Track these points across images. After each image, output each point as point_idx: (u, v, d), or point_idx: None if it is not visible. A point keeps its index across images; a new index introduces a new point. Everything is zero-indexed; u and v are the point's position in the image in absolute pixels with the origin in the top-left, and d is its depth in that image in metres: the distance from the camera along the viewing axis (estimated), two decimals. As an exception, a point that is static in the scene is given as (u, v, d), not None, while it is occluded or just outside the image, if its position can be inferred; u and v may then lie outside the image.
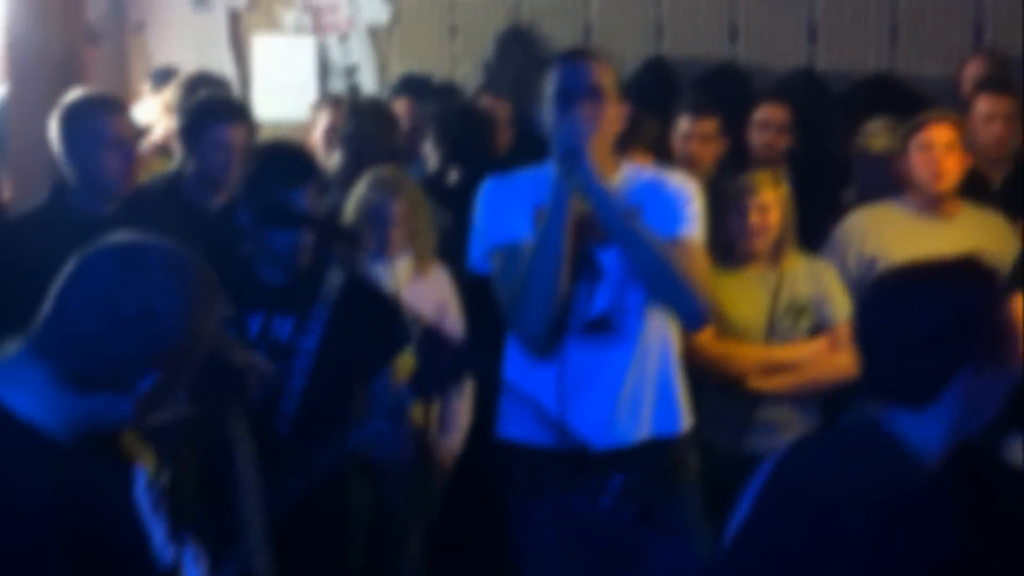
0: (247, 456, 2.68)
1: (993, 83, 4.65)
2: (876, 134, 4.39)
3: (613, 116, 2.97)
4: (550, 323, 2.90)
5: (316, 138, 4.96)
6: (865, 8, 5.78)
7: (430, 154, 4.55)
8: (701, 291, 2.92)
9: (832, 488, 1.86)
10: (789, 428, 3.56)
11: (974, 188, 4.17)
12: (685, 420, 3.03)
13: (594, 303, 2.95)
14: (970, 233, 3.88)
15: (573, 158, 2.82)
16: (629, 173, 3.06)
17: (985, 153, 4.42)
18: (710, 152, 4.49)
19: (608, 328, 2.95)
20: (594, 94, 2.91)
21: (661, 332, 3.00)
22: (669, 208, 2.98)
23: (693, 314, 2.96)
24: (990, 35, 5.60)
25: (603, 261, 2.96)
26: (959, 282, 1.88)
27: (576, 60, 3.01)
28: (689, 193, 3.03)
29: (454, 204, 4.21)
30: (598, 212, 2.89)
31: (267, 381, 2.90)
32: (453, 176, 4.47)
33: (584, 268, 2.95)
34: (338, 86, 6.36)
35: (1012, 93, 4.49)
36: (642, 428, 2.95)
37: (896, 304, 1.88)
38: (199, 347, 1.82)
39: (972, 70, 5.05)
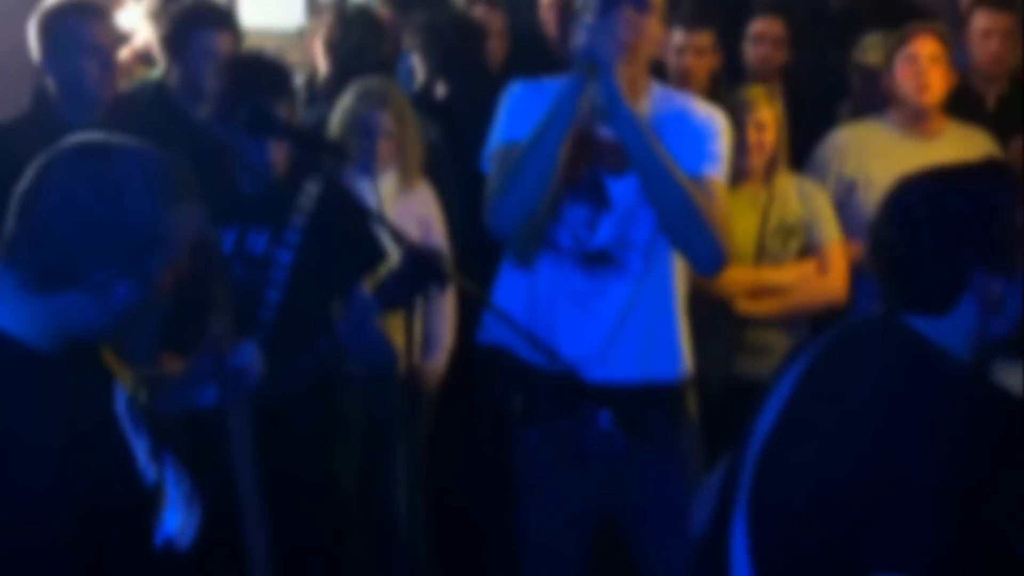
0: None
1: (992, -1, 4.56)
2: (871, 47, 4.32)
3: (655, 34, 2.81)
4: (525, 226, 2.78)
5: (317, 46, 4.87)
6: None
7: (417, 66, 4.45)
8: (720, 234, 2.75)
9: (881, 407, 1.81)
10: (778, 351, 3.54)
11: (968, 106, 4.12)
12: (683, 366, 2.92)
13: (596, 233, 2.84)
14: (952, 153, 3.82)
15: (598, 66, 2.65)
16: (656, 97, 2.89)
17: (981, 70, 4.36)
18: (704, 66, 4.42)
19: (607, 261, 2.84)
20: (639, 3, 2.74)
21: (664, 273, 2.88)
22: (694, 142, 2.82)
23: (708, 257, 2.78)
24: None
25: (613, 191, 2.83)
26: (980, 182, 1.88)
27: None
28: (717, 128, 2.87)
29: (442, 118, 4.15)
30: (619, 131, 2.72)
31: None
32: (441, 89, 4.38)
33: (591, 194, 2.83)
34: (326, -5, 6.23)
35: (1011, 9, 4.41)
36: (636, 369, 2.85)
37: (918, 204, 1.87)
38: (170, 249, 1.78)
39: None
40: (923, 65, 3.85)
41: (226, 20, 4.00)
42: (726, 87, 4.33)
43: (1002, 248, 1.83)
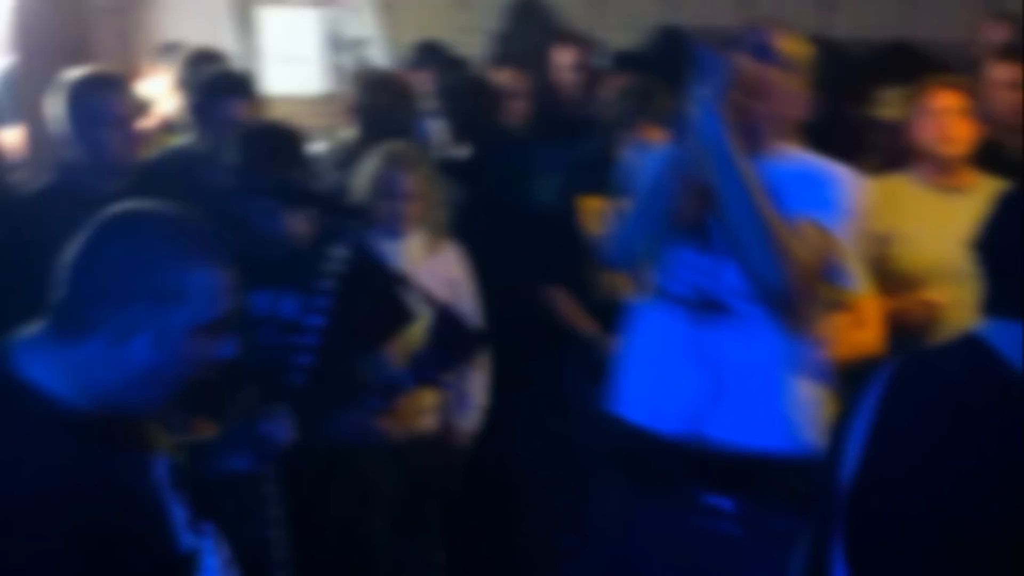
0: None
1: (1012, 49, 4.57)
2: (889, 103, 4.33)
3: (790, 90, 2.72)
4: (639, 260, 2.73)
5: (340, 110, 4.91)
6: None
7: (437, 129, 4.48)
8: (786, 265, 2.56)
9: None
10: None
11: (991, 158, 4.10)
12: (801, 439, 2.67)
13: (719, 281, 2.71)
14: (984, 205, 3.80)
15: (702, 94, 2.57)
16: (791, 157, 2.75)
17: (1002, 121, 4.35)
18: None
19: (723, 311, 2.70)
20: (763, 52, 2.68)
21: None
22: (810, 191, 2.66)
23: (764, 283, 2.59)
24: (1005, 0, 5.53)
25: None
26: None
27: (763, 25, 2.77)
28: (838, 178, 2.70)
29: (466, 179, 4.17)
30: (704, 146, 2.59)
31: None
32: (463, 151, 4.41)
33: (716, 241, 2.71)
34: (347, 59, 6.30)
35: (1024, 58, 4.42)
36: (745, 436, 2.67)
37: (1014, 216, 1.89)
38: (196, 310, 1.77)
39: (989, 35, 4.97)
40: (944, 117, 3.83)
41: (246, 88, 4.05)
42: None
43: None
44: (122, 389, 1.77)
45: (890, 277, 3.74)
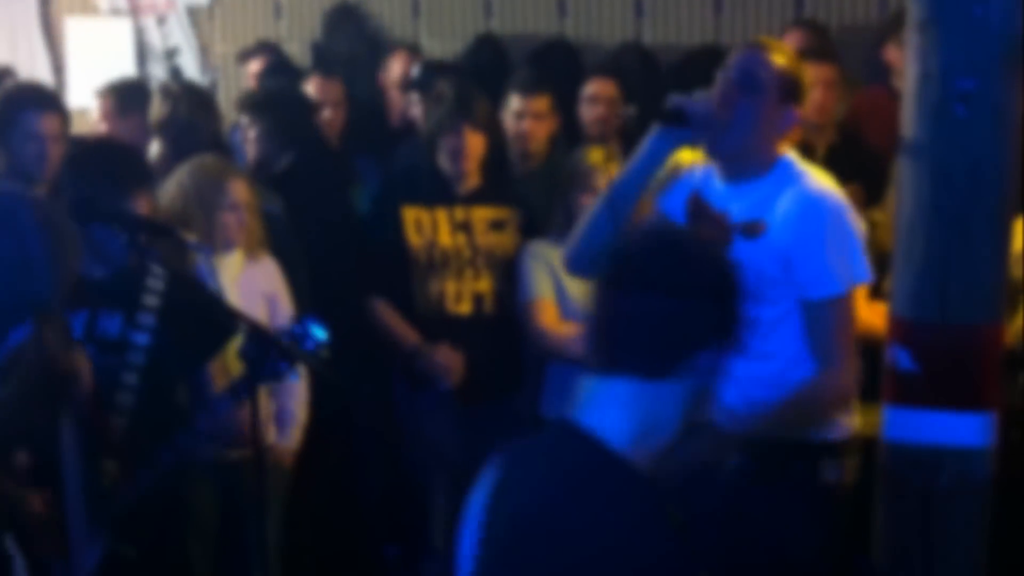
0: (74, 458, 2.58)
1: (813, 51, 4.73)
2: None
3: (772, 114, 2.80)
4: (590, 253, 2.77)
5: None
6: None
7: (251, 139, 4.38)
8: None
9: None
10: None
11: (799, 155, 4.23)
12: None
13: None
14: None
15: (678, 121, 2.67)
16: (778, 173, 2.82)
17: (808, 120, 4.49)
18: (543, 130, 4.46)
19: None
20: (745, 83, 2.75)
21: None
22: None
23: None
24: (810, 5, 5.72)
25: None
26: (717, 255, 1.78)
27: (752, 47, 2.86)
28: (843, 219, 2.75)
29: (282, 190, 4.10)
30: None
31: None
32: (279, 161, 4.32)
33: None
34: (158, 71, 6.13)
35: (832, 60, 4.57)
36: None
37: (653, 265, 1.71)
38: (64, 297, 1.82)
39: (791, 40, 5.14)
40: None
41: (51, 101, 3.93)
42: (564, 150, 4.38)
43: (732, 320, 1.73)
44: None
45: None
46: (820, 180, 2.85)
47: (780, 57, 2.81)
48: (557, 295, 3.82)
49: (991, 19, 2.23)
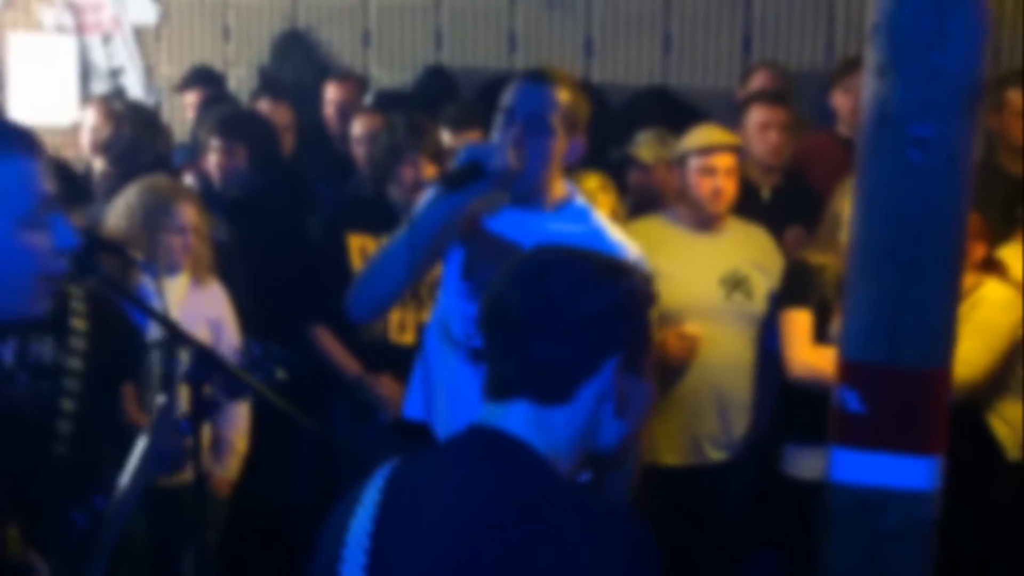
0: None
1: (766, 93, 4.79)
2: (644, 143, 4.46)
3: (559, 147, 2.79)
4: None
5: (84, 141, 4.68)
6: (639, 21, 5.88)
7: (213, 162, 4.32)
8: None
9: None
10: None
11: (744, 197, 4.27)
12: None
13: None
14: (735, 247, 3.97)
15: (476, 176, 2.68)
16: (569, 208, 2.85)
17: (760, 161, 4.54)
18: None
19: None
20: (534, 126, 2.74)
21: None
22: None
23: None
24: (758, 47, 5.80)
25: None
26: (613, 273, 1.71)
27: (534, 81, 2.82)
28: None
29: (233, 216, 4.05)
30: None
31: None
32: (252, 185, 4.26)
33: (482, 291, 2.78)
34: (101, 89, 6.05)
35: (787, 104, 4.63)
36: None
37: (549, 284, 1.66)
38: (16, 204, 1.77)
39: (757, 80, 5.20)
40: (721, 178, 3.95)
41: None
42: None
43: (630, 344, 1.68)
44: None
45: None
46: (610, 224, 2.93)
47: (563, 92, 2.81)
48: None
49: (950, 66, 2.26)
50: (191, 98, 5.30)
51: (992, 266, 3.91)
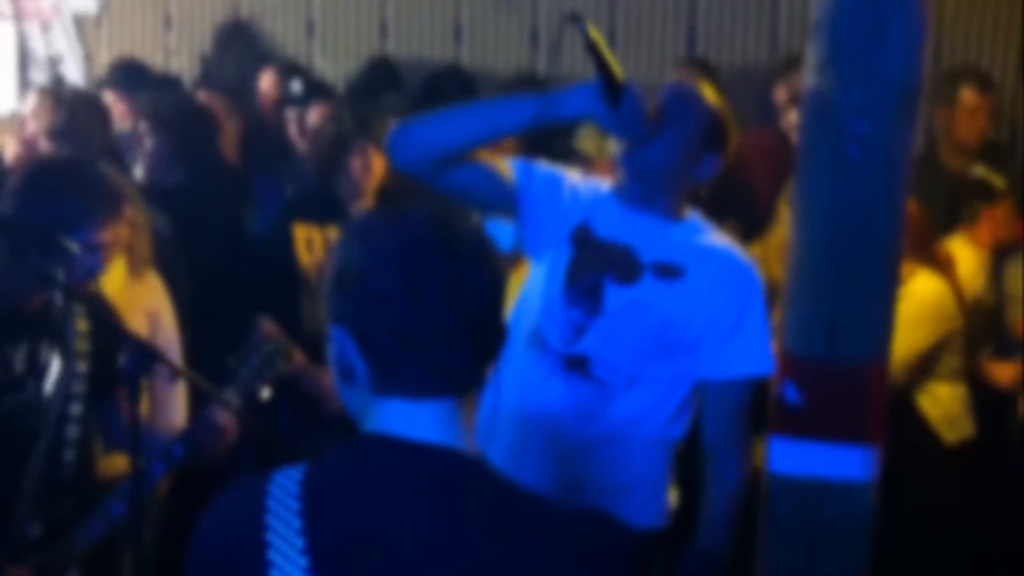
0: None
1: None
2: (586, 135, 4.50)
3: (693, 151, 2.71)
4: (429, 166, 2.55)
5: (29, 131, 4.60)
6: (584, 16, 5.88)
7: (146, 153, 4.27)
8: None
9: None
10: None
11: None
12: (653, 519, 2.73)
13: (581, 339, 2.66)
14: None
15: (614, 93, 2.51)
16: (692, 221, 2.78)
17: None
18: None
19: (585, 372, 2.67)
20: (680, 116, 2.66)
21: (645, 411, 2.69)
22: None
23: None
24: (702, 45, 5.83)
25: (608, 297, 2.65)
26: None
27: (687, 87, 2.77)
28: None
29: (173, 207, 4.01)
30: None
31: None
32: (173, 177, 4.22)
33: (587, 299, 2.65)
34: (39, 77, 5.97)
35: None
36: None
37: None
38: None
39: (679, 78, 5.22)
40: None
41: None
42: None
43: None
44: None
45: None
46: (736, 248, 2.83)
47: (711, 106, 2.74)
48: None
49: (888, 65, 2.29)
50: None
51: (930, 258, 3.95)
